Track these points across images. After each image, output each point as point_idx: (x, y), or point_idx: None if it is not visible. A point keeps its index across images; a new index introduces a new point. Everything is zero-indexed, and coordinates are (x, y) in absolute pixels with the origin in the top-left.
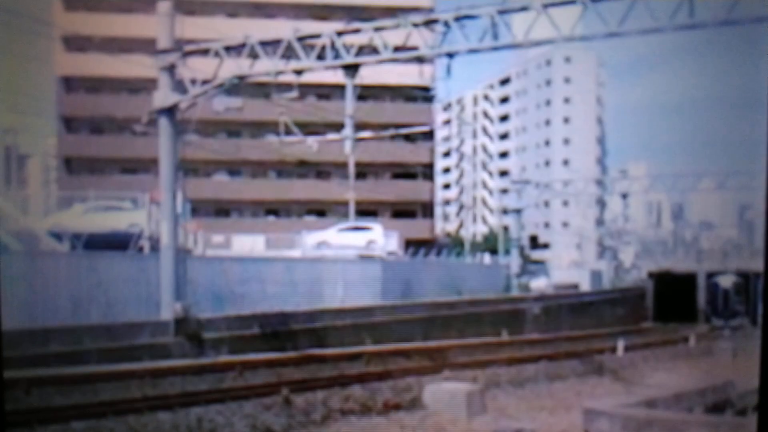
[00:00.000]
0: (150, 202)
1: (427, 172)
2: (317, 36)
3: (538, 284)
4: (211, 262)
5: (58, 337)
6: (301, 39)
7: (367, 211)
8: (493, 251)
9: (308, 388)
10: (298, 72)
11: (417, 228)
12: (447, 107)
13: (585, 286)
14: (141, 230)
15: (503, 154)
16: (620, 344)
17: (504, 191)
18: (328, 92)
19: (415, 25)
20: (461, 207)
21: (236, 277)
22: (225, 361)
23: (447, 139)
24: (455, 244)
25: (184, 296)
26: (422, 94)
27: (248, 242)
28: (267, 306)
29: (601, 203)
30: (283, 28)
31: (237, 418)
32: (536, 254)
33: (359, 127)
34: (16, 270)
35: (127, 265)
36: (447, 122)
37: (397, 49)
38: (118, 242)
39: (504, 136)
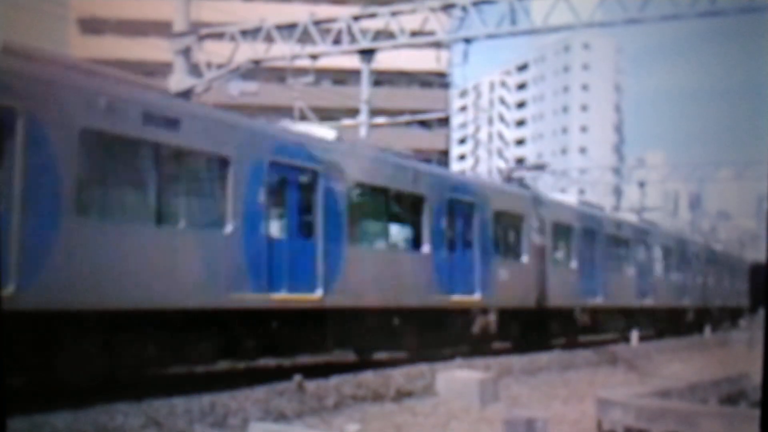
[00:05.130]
0: None
1: (442, 158)
2: (333, 20)
3: None
4: None
5: None
6: (317, 23)
7: None
8: None
9: None
10: (314, 57)
11: None
12: (463, 93)
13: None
14: None
15: (519, 141)
16: (634, 334)
17: (520, 179)
18: (343, 77)
19: (432, 10)
20: None
21: None
22: None
23: (463, 125)
24: None
25: None
26: (438, 80)
27: None
28: None
29: (618, 192)
30: (299, 13)
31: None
32: None
33: (375, 112)
34: None
35: None
36: (463, 108)
37: (413, 34)
38: None
39: (520, 123)
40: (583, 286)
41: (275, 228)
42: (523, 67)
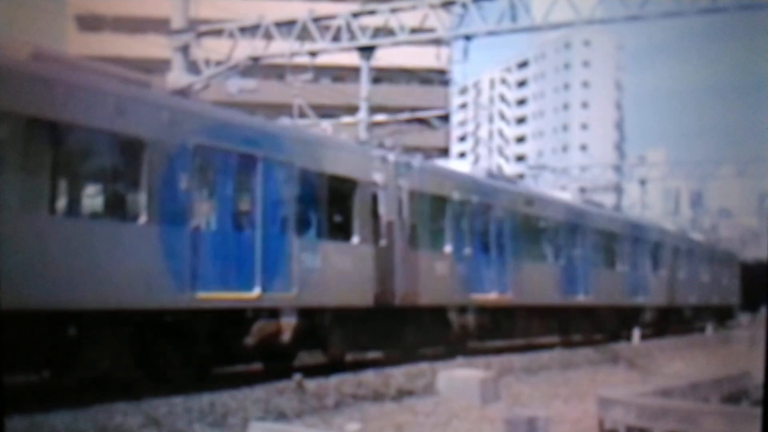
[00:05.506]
0: None
1: (442, 156)
2: (332, 17)
3: None
4: None
5: None
6: (316, 20)
7: None
8: None
9: None
10: (313, 54)
11: None
12: (463, 91)
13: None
14: None
15: (520, 139)
16: (636, 333)
17: (520, 176)
18: (343, 75)
19: (432, 7)
20: None
21: None
22: None
23: (463, 123)
24: None
25: None
26: (438, 77)
27: None
28: None
29: (619, 189)
30: (298, 9)
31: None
32: None
33: (374, 110)
34: None
35: None
36: (463, 106)
37: (413, 30)
38: None
39: (521, 121)
40: (467, 277)
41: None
42: (523, 64)
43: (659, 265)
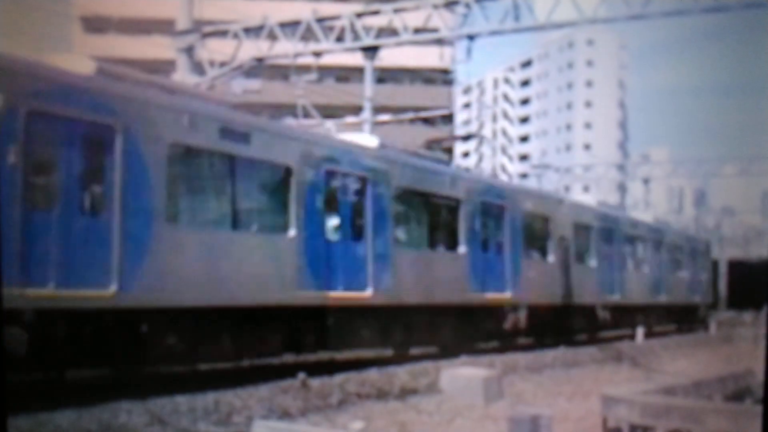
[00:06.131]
0: None
1: (446, 155)
2: (336, 18)
3: None
4: None
5: None
6: (320, 21)
7: None
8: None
9: None
10: (317, 54)
11: None
12: (467, 90)
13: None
14: None
15: (523, 138)
16: (639, 331)
17: (524, 176)
18: (347, 75)
19: (436, 7)
20: None
21: None
22: None
23: (467, 122)
24: None
25: None
26: (442, 77)
27: None
28: None
29: (623, 188)
30: (302, 10)
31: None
32: None
33: (378, 110)
34: None
35: None
36: (467, 105)
37: (417, 30)
38: None
39: (524, 120)
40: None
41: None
42: (526, 64)
43: (546, 250)
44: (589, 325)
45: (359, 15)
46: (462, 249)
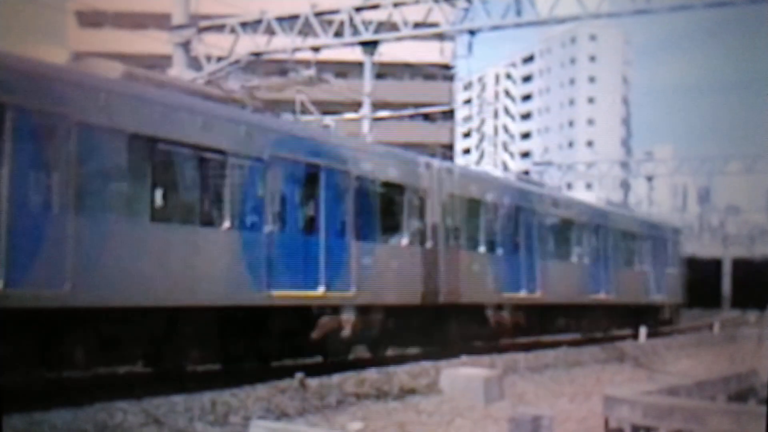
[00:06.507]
0: None
1: (446, 152)
2: (335, 12)
3: None
4: None
5: None
6: (318, 15)
7: None
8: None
9: None
10: (316, 49)
11: None
12: (468, 86)
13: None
14: None
15: (525, 135)
16: (642, 331)
17: (526, 173)
18: (346, 70)
19: (436, 1)
20: None
21: None
22: None
23: (467, 118)
24: None
25: None
26: (442, 73)
27: None
28: None
29: (626, 186)
30: (301, 4)
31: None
32: None
33: (377, 106)
34: None
35: None
36: (468, 101)
37: (417, 25)
38: None
39: (526, 116)
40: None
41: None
42: (528, 59)
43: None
44: (482, 330)
45: (358, 9)
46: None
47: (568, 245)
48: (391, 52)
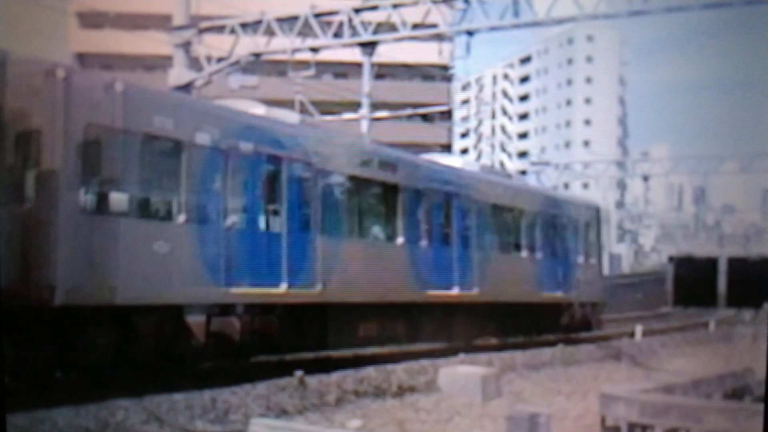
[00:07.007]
0: None
1: (444, 152)
2: (334, 13)
3: None
4: None
5: None
6: (318, 16)
7: None
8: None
9: None
10: (315, 50)
11: None
12: (466, 86)
13: (604, 269)
14: None
15: (522, 135)
16: (638, 329)
17: (523, 173)
18: (345, 71)
19: (435, 2)
20: None
21: None
22: None
23: (465, 119)
24: None
25: None
26: (440, 73)
27: None
28: None
29: (622, 185)
30: (300, 5)
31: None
32: None
33: (376, 106)
34: None
35: None
36: (465, 102)
37: (415, 26)
38: None
39: (523, 117)
40: None
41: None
42: (526, 60)
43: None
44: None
45: (357, 10)
46: None
47: (390, 221)
48: (389, 52)
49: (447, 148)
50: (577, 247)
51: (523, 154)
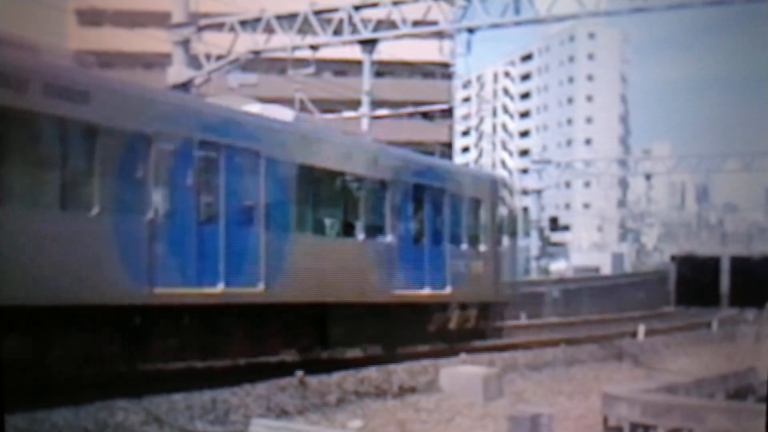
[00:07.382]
0: None
1: (445, 151)
2: (334, 10)
3: (558, 267)
4: None
5: None
6: (317, 13)
7: None
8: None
9: None
10: (315, 47)
11: None
12: (466, 84)
13: (606, 269)
14: None
15: (524, 133)
16: (641, 329)
17: (524, 171)
18: (345, 68)
19: None
20: None
21: None
22: None
23: (466, 117)
24: None
25: None
26: (441, 71)
27: None
28: None
29: (624, 184)
30: (300, 2)
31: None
32: (556, 236)
33: (376, 104)
34: None
35: None
36: (466, 100)
37: (416, 23)
38: None
39: (525, 115)
40: None
41: None
42: (527, 58)
43: None
44: None
45: (357, 8)
46: None
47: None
48: (390, 50)
49: (448, 146)
50: (459, 231)
51: (524, 152)
